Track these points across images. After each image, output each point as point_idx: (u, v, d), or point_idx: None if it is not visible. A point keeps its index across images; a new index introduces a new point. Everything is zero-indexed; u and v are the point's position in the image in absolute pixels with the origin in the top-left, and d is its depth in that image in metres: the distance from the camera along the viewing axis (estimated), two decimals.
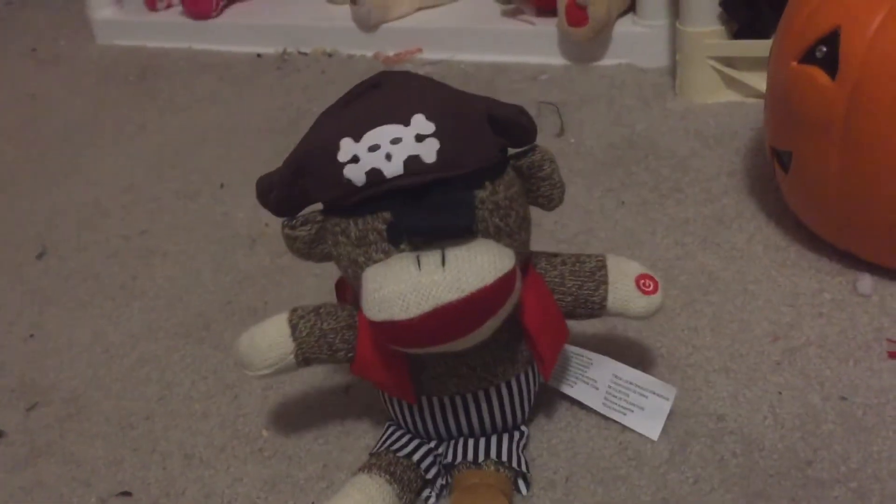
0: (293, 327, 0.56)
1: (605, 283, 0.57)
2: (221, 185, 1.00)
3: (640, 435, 0.59)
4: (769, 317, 0.68)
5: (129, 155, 1.11)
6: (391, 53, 1.29)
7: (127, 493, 0.62)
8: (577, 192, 0.87)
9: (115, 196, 1.02)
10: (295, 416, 0.66)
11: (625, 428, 0.60)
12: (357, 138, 0.49)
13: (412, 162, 0.48)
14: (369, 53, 1.31)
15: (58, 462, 0.65)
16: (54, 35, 1.62)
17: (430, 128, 0.48)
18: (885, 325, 0.66)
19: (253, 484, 0.61)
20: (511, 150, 0.53)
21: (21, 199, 1.04)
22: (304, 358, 0.56)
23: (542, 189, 0.54)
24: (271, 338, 0.56)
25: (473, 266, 0.48)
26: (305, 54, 1.35)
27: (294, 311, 0.57)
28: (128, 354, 0.75)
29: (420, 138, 0.48)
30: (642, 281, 0.57)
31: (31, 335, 0.80)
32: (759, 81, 0.95)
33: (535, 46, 1.19)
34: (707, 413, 0.61)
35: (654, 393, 0.59)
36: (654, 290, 0.57)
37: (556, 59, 1.18)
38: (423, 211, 0.48)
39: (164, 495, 0.61)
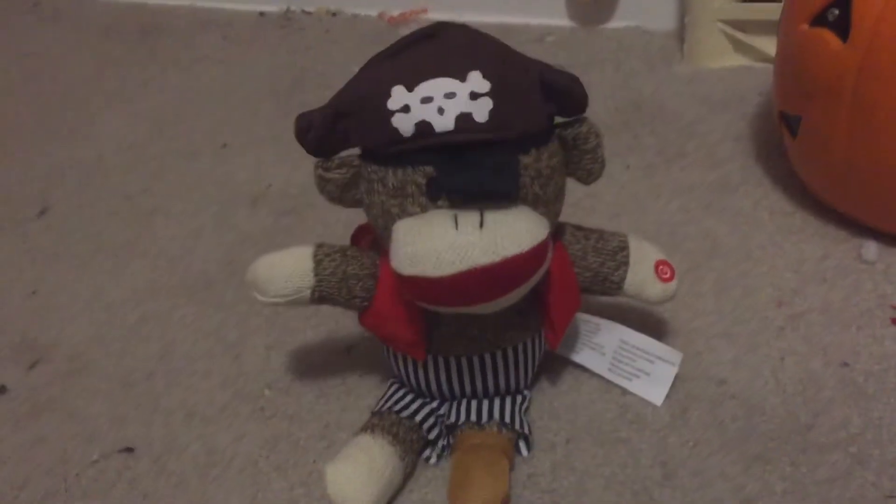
0: (317, 262, 0.54)
1: (627, 264, 0.57)
2: (224, 145, 0.99)
3: (641, 399, 0.59)
4: (773, 282, 0.68)
5: (131, 113, 1.10)
6: (396, 13, 1.27)
7: (129, 449, 0.62)
8: None
9: (117, 154, 1.01)
10: (297, 376, 0.66)
11: (626, 391, 0.60)
12: (410, 88, 0.48)
13: (464, 119, 0.47)
14: (374, 13, 1.29)
15: (60, 418, 0.65)
16: None
17: (485, 86, 0.47)
18: (889, 291, 0.66)
19: (254, 442, 0.61)
20: (558, 119, 0.52)
21: (22, 157, 1.04)
22: (321, 296, 0.55)
23: (584, 162, 0.53)
24: (292, 268, 0.54)
25: (511, 231, 0.47)
26: (309, 13, 1.34)
27: (320, 246, 0.55)
28: (129, 313, 0.75)
29: (474, 96, 0.47)
30: (660, 267, 0.57)
31: (33, 292, 0.80)
32: (768, 45, 0.94)
33: (542, 7, 1.17)
34: (708, 377, 0.61)
35: (660, 358, 0.59)
36: (671, 277, 0.57)
37: (563, 21, 1.16)
38: (467, 170, 0.47)
39: (166, 451, 0.62)
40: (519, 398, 0.59)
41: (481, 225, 0.47)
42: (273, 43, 1.26)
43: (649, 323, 0.65)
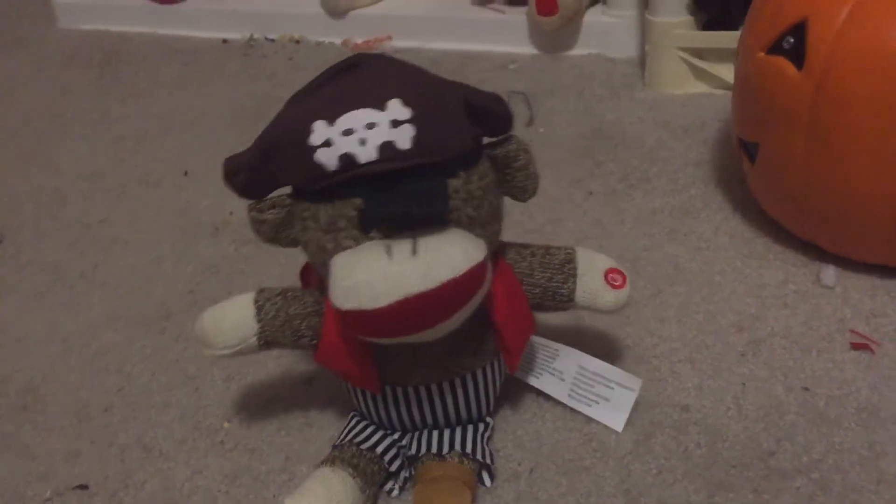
0: (259, 308, 0.55)
1: (574, 276, 0.56)
2: (185, 173, 0.98)
3: (605, 427, 0.59)
4: (734, 308, 0.68)
5: (91, 141, 1.09)
6: (360, 41, 1.27)
7: (84, 487, 0.61)
8: (545, 182, 0.85)
9: (76, 183, 1.00)
10: (257, 408, 0.65)
11: (590, 419, 0.60)
12: (331, 121, 0.47)
13: (387, 148, 0.47)
14: (338, 40, 1.29)
15: (13, 455, 0.64)
16: (16, 18, 1.58)
17: (406, 113, 0.47)
18: (848, 316, 0.66)
19: (213, 477, 0.60)
20: (486, 139, 0.53)
21: None
22: (267, 341, 0.55)
23: (517, 180, 0.53)
24: (235, 318, 0.55)
25: (445, 256, 0.47)
26: (272, 40, 1.34)
27: (261, 291, 0.56)
28: (86, 345, 0.74)
29: (395, 124, 0.47)
30: (611, 275, 0.57)
31: None
32: (727, 73, 0.96)
33: (505, 35, 1.18)
34: (672, 404, 0.61)
35: (619, 384, 0.59)
36: (623, 285, 0.57)
37: (526, 49, 1.18)
38: (395, 198, 0.47)
39: (122, 488, 0.60)
40: (481, 426, 0.58)
41: (414, 252, 0.47)
42: (236, 70, 1.25)
43: (613, 350, 0.65)
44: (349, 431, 0.58)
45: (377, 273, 0.47)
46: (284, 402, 0.65)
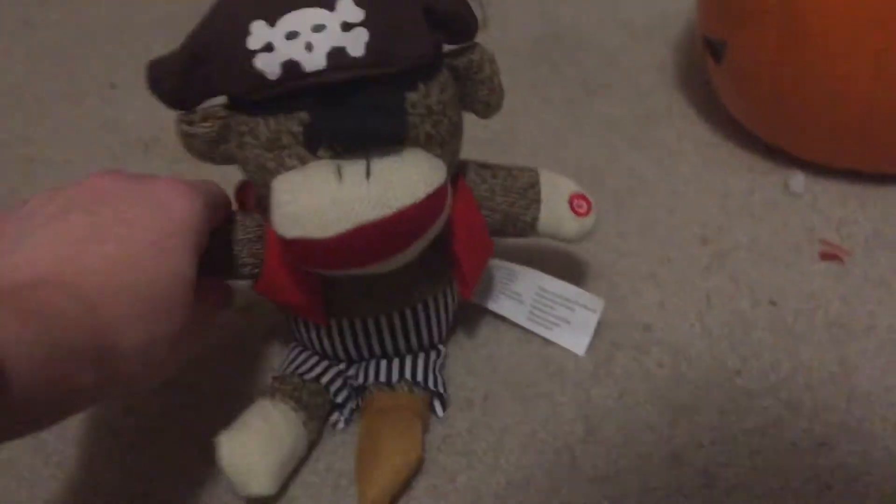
0: None
1: (538, 202, 0.52)
2: (112, 86, 0.91)
3: (564, 349, 0.56)
4: (699, 219, 0.65)
5: (9, 53, 1.00)
6: None
7: None
8: None
9: None
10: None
11: (548, 342, 0.56)
12: (272, 22, 0.41)
13: (336, 55, 0.40)
14: None
15: None
16: None
17: (358, 15, 0.41)
18: (817, 224, 0.63)
19: (145, 414, 0.56)
20: (447, 48, 0.46)
21: None
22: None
23: (480, 93, 0.47)
24: None
25: (402, 179, 0.42)
26: None
27: None
28: None
29: (347, 27, 0.40)
30: (576, 201, 0.52)
31: None
32: None
33: None
34: (633, 323, 0.57)
35: (581, 305, 0.55)
36: (588, 212, 0.53)
37: None
38: (346, 113, 0.41)
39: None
40: (433, 354, 0.54)
41: (368, 175, 0.42)
42: None
43: (571, 267, 0.61)
44: (291, 362, 0.54)
45: (326, 198, 0.41)
46: (221, 332, 0.61)
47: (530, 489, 0.48)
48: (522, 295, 0.57)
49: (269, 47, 0.41)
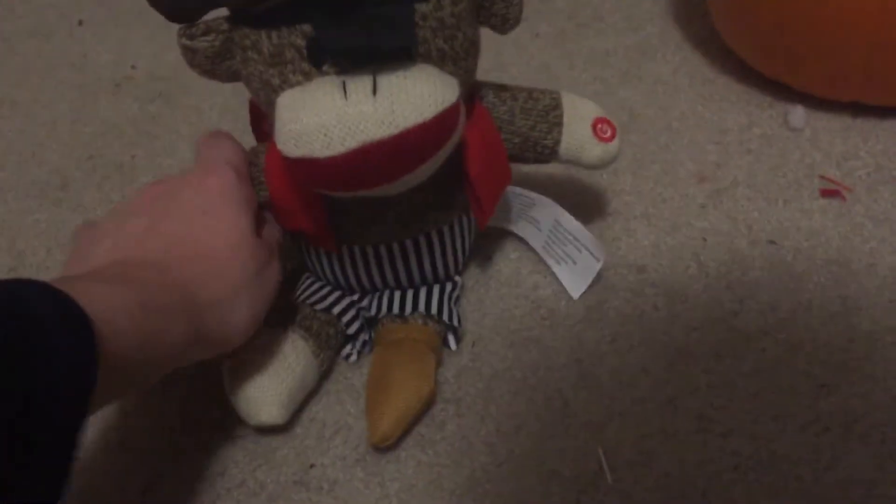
0: None
1: (560, 125, 0.49)
2: (80, 23, 0.87)
3: (554, 293, 0.54)
4: (694, 156, 0.62)
5: None
6: None
7: None
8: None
9: None
10: None
11: (537, 286, 0.54)
12: None
13: None
14: None
15: None
16: None
17: None
18: (818, 160, 0.60)
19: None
20: None
21: None
22: None
23: (497, 6, 0.44)
24: None
25: (410, 96, 0.39)
26: None
27: None
28: None
29: None
30: (599, 125, 0.50)
31: None
32: None
33: None
34: (626, 264, 0.55)
35: (588, 250, 0.53)
36: (612, 137, 0.50)
37: None
38: (352, 25, 0.39)
39: None
40: (448, 286, 0.52)
41: (374, 91, 0.39)
42: None
43: (562, 206, 0.59)
44: (302, 292, 0.52)
45: (331, 115, 0.39)
46: None
47: (521, 436, 0.47)
48: (541, 223, 0.54)
49: None
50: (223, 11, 0.43)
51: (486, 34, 0.46)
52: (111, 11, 0.87)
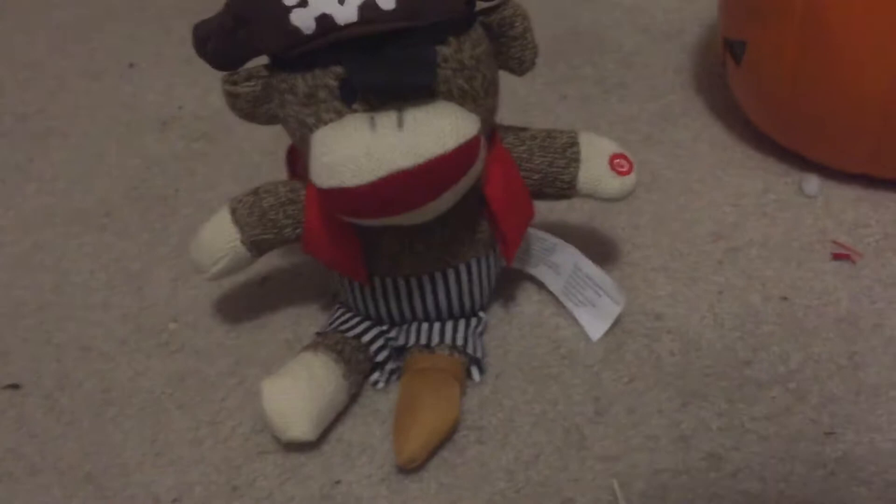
0: (233, 212, 0.51)
1: (577, 160, 0.52)
2: (130, 65, 0.91)
3: (574, 334, 0.56)
4: (712, 216, 0.65)
5: (29, 29, 1.01)
6: None
7: (15, 386, 0.56)
8: (517, 85, 0.81)
9: (13, 72, 0.92)
10: (205, 309, 0.61)
11: (558, 326, 0.57)
12: None
13: (368, 8, 0.42)
14: None
15: None
16: None
17: None
18: (830, 226, 0.63)
19: (157, 378, 0.56)
20: (480, 5, 0.48)
21: None
22: (253, 242, 0.51)
23: (513, 50, 0.48)
24: (213, 230, 0.52)
25: (433, 129, 0.43)
26: None
27: (233, 198, 0.52)
28: (19, 241, 0.69)
29: None
30: (616, 160, 0.53)
31: None
32: None
33: None
34: (644, 312, 0.58)
35: (607, 294, 0.56)
36: (629, 171, 0.53)
37: None
38: (379, 65, 0.43)
39: (57, 388, 0.56)
40: (474, 321, 0.55)
41: (400, 125, 0.43)
42: None
43: (586, 254, 0.62)
44: (335, 320, 0.55)
45: (360, 147, 0.42)
46: (235, 302, 0.61)
47: (539, 465, 0.49)
48: (560, 267, 0.57)
49: (303, 2, 0.42)
50: (263, 59, 0.47)
51: (514, 93, 0.50)
52: (160, 56, 0.91)
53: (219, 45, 0.46)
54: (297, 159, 0.55)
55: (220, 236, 0.52)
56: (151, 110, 0.84)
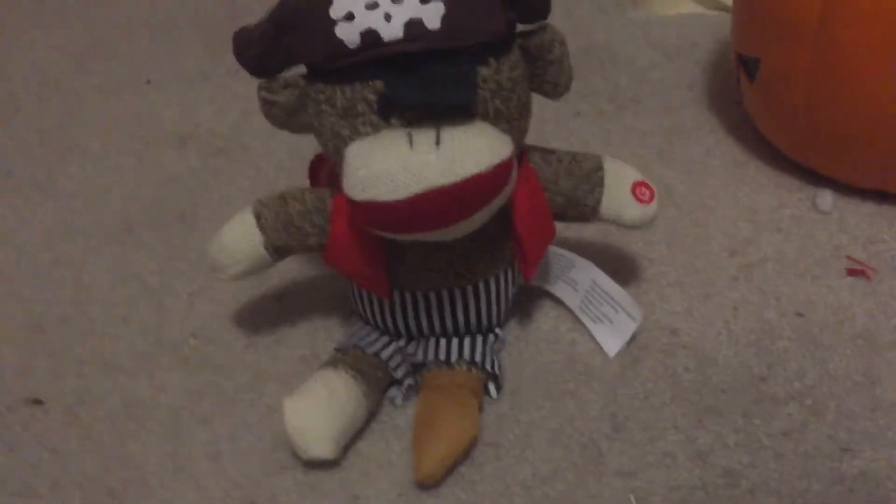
0: (258, 216, 0.52)
1: (601, 186, 0.53)
2: (148, 81, 0.92)
3: (590, 350, 0.57)
4: (726, 232, 0.66)
5: (48, 46, 1.02)
6: None
7: (38, 401, 0.57)
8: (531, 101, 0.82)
9: (31, 89, 0.93)
10: (224, 325, 0.62)
11: (575, 342, 0.57)
12: None
13: (414, 26, 0.43)
14: None
15: None
16: None
17: None
18: (844, 242, 0.64)
19: (177, 394, 0.57)
20: (519, 28, 0.49)
21: None
22: (276, 247, 0.52)
23: (549, 74, 0.49)
24: (237, 232, 0.52)
25: (470, 149, 0.43)
26: None
27: (258, 200, 0.52)
28: (40, 255, 0.69)
29: (424, 0, 0.43)
30: (639, 189, 0.54)
31: None
32: None
33: None
34: (660, 327, 0.58)
35: (624, 310, 0.56)
36: (650, 200, 0.54)
37: None
38: (420, 83, 0.44)
39: (78, 403, 0.57)
40: (491, 337, 0.55)
41: (437, 143, 0.43)
42: None
43: (601, 270, 0.62)
44: (353, 336, 0.55)
45: (397, 163, 0.43)
46: (253, 317, 0.62)
47: (556, 480, 0.49)
48: (578, 283, 0.58)
49: (350, 16, 0.43)
50: (300, 69, 0.48)
51: (532, 117, 0.51)
52: (177, 73, 0.92)
53: (259, 52, 0.47)
54: (321, 168, 0.55)
55: (244, 239, 0.52)
56: (169, 126, 0.85)
